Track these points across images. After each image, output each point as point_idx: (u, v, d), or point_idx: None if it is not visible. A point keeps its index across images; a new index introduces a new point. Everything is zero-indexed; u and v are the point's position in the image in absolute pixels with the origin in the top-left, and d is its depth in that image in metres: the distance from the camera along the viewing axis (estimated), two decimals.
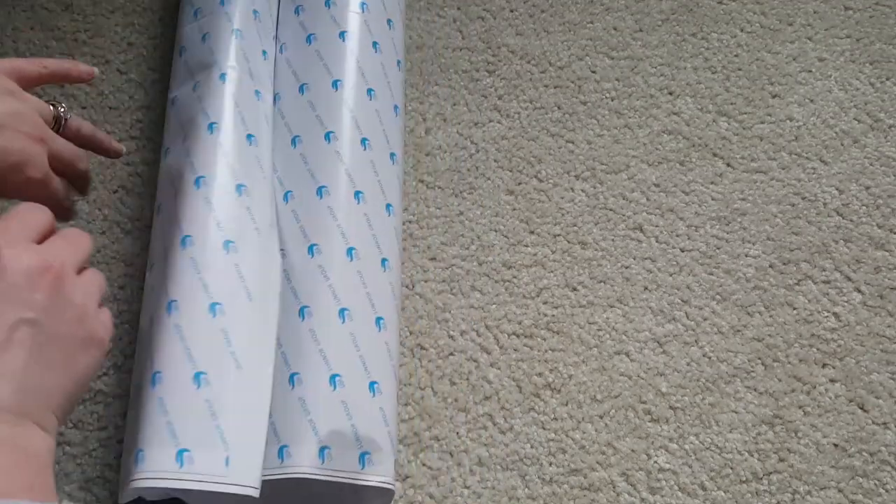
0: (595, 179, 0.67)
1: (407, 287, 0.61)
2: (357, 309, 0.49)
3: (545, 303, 0.62)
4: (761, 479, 0.56)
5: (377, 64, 0.58)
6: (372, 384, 0.48)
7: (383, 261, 0.52)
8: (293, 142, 0.54)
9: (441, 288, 0.62)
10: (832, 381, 0.59)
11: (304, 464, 0.43)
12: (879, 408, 0.58)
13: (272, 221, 0.52)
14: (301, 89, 0.56)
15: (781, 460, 0.56)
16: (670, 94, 0.71)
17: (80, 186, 0.47)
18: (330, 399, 0.46)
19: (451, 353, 0.60)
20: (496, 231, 0.65)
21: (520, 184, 0.67)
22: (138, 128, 0.68)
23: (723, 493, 0.55)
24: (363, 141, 0.54)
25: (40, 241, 0.36)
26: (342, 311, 0.48)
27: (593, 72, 0.72)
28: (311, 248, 0.50)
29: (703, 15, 0.76)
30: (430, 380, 0.58)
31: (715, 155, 0.68)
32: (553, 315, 0.61)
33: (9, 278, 0.32)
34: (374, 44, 0.59)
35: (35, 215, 0.37)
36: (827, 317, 0.61)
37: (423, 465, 0.55)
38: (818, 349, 0.60)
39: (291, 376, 0.46)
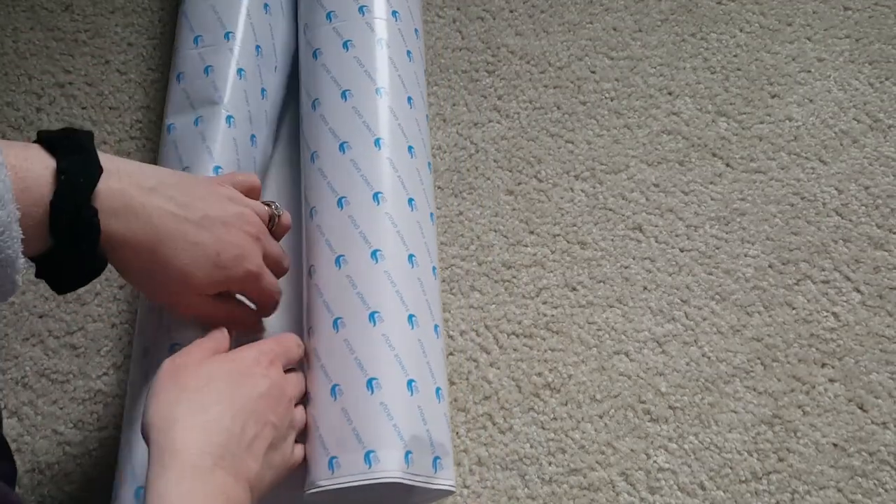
0: (595, 179, 0.67)
1: None
2: (421, 316, 0.49)
3: (545, 303, 0.62)
4: (760, 478, 0.56)
5: (412, 72, 0.59)
6: (437, 390, 0.48)
7: (433, 269, 0.53)
8: (341, 147, 0.54)
9: (441, 288, 0.62)
10: (831, 380, 0.59)
11: (393, 468, 0.44)
12: (879, 407, 0.58)
13: None
14: (343, 95, 0.56)
15: (781, 460, 0.56)
16: (669, 94, 0.72)
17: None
18: (409, 404, 0.46)
19: (451, 353, 0.60)
20: (496, 231, 0.65)
21: (519, 184, 0.67)
22: (138, 128, 0.68)
23: (722, 493, 0.55)
24: (409, 149, 0.55)
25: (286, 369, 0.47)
26: (411, 317, 0.49)
27: (593, 72, 0.72)
28: (374, 254, 0.50)
29: (702, 15, 0.76)
30: None
31: (714, 155, 0.69)
32: (553, 315, 0.61)
33: (271, 391, 0.43)
34: (408, 52, 0.59)
35: (292, 348, 0.48)
36: (826, 317, 0.61)
37: None
38: (817, 349, 0.60)
39: (370, 381, 0.46)
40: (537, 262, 0.63)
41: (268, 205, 0.50)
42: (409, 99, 0.57)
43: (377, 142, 0.53)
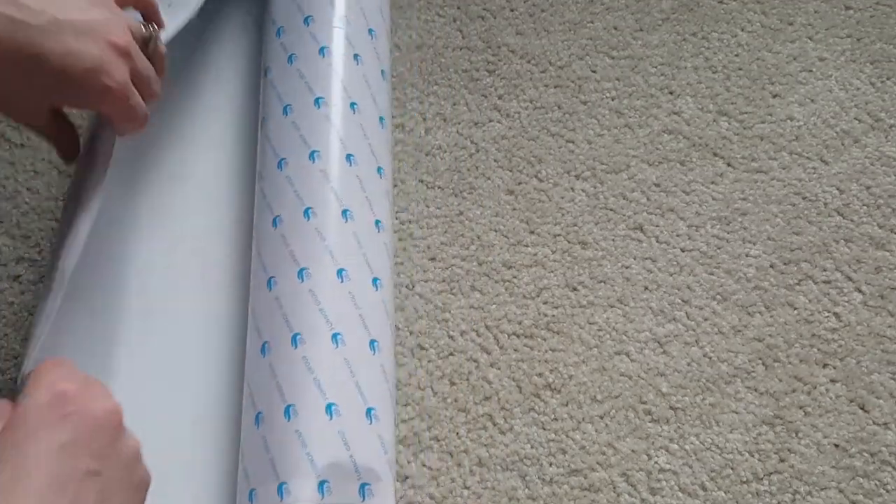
0: (595, 179, 0.67)
1: (407, 287, 0.61)
2: (349, 333, 0.47)
3: (545, 303, 0.62)
4: (762, 479, 0.56)
5: (359, 77, 0.57)
6: (369, 410, 0.46)
7: (374, 280, 0.51)
8: (279, 165, 0.53)
9: (441, 288, 0.62)
10: (833, 381, 0.59)
11: (305, 499, 0.42)
12: (880, 408, 0.58)
13: None
14: (285, 111, 0.55)
15: (782, 461, 0.56)
16: (671, 93, 0.71)
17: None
18: (327, 430, 0.44)
19: (451, 354, 0.60)
20: (496, 231, 0.64)
21: (520, 183, 0.67)
22: None
23: (723, 494, 0.55)
24: (348, 157, 0.53)
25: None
26: (335, 335, 0.47)
27: (594, 71, 0.72)
28: (300, 273, 0.48)
29: (703, 14, 0.76)
30: (430, 380, 0.58)
31: (715, 155, 0.68)
32: (553, 315, 0.61)
33: (80, 429, 0.31)
34: (356, 56, 0.58)
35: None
36: (827, 317, 0.61)
37: (423, 465, 0.55)
38: (819, 349, 0.60)
39: (287, 408, 0.44)
40: (538, 262, 0.63)
41: (145, 25, 0.44)
42: (353, 105, 0.55)
43: (312, 154, 0.52)
